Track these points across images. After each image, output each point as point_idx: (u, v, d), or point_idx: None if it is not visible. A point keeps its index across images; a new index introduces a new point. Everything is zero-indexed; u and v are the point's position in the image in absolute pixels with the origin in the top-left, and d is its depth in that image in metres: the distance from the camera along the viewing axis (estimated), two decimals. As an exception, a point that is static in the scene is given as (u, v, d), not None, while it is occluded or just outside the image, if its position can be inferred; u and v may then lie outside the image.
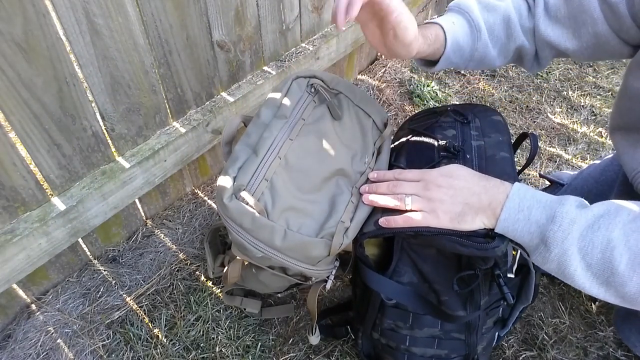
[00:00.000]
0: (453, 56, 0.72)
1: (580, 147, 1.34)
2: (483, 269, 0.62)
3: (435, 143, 0.72)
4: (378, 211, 0.66)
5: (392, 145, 0.80)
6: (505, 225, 0.57)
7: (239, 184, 0.63)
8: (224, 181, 0.63)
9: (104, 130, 0.85)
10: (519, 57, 0.76)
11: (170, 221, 1.09)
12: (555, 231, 0.53)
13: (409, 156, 0.73)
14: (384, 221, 0.62)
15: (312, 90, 0.75)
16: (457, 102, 1.50)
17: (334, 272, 0.72)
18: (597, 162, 0.93)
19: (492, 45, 0.73)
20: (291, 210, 0.65)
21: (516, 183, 0.59)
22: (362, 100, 0.79)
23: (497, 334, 0.76)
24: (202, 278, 0.98)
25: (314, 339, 0.82)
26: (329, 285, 0.73)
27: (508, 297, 0.61)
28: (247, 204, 0.62)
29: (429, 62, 0.75)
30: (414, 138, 0.76)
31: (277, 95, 0.73)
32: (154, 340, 0.89)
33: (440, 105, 0.91)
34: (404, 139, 0.78)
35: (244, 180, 0.63)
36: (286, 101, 0.72)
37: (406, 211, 0.62)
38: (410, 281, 0.68)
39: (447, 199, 0.59)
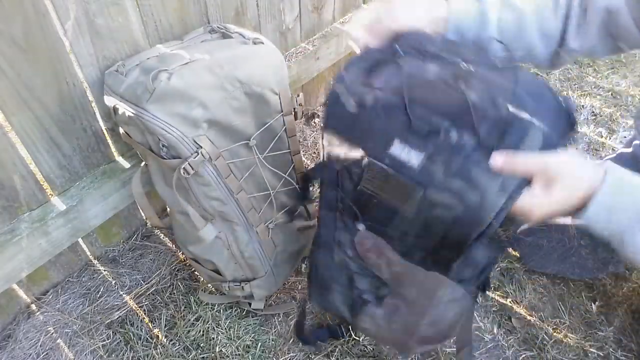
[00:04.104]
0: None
1: (580, 147, 1.34)
2: None
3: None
4: None
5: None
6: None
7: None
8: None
9: (104, 130, 0.85)
10: (531, 57, 0.72)
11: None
12: None
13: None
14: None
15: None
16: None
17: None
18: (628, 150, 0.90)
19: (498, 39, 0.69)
20: None
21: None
22: None
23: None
24: (202, 278, 0.98)
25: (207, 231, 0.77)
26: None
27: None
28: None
29: None
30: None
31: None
32: (154, 340, 0.89)
33: None
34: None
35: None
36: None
37: None
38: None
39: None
